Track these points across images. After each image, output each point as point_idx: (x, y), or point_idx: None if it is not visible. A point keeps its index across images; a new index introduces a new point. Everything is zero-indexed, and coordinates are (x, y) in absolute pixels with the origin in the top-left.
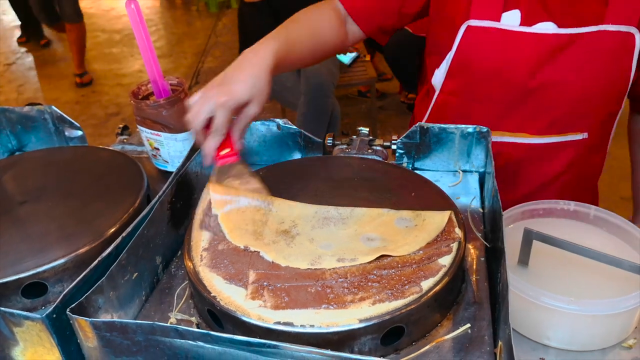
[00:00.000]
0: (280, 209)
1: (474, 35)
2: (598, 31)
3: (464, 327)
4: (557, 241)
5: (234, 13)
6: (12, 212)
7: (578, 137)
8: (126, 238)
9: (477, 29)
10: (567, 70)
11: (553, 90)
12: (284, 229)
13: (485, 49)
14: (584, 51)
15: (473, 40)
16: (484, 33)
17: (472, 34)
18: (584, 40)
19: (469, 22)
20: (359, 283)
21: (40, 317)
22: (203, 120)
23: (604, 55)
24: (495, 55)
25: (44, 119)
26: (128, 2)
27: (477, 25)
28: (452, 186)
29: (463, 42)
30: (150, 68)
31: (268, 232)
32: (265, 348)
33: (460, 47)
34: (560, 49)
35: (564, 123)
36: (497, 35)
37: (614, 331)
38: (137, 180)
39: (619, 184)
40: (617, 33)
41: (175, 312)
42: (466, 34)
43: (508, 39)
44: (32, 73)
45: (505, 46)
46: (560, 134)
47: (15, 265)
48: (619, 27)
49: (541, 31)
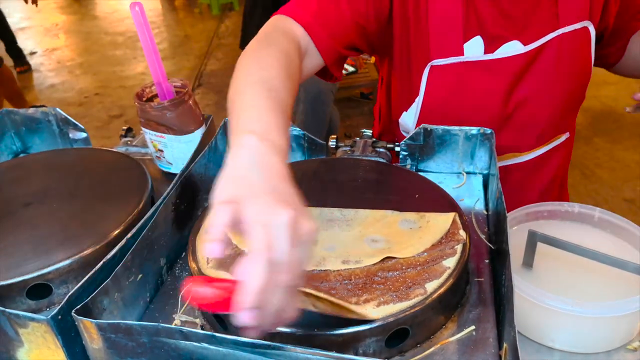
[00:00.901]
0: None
1: (439, 74)
2: (557, 36)
3: (468, 329)
4: (561, 243)
5: (237, 15)
6: (17, 213)
7: (563, 138)
8: (131, 240)
9: (441, 68)
10: (539, 83)
11: (531, 107)
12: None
13: (454, 86)
14: (550, 59)
15: (439, 80)
16: (449, 70)
17: (437, 73)
18: (548, 50)
19: (431, 63)
20: (364, 285)
21: (45, 319)
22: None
23: (568, 56)
24: (465, 90)
25: (48, 121)
26: (132, 4)
27: (440, 64)
28: (455, 188)
29: (430, 84)
30: (155, 70)
31: None
32: (270, 350)
33: (427, 90)
34: (528, 65)
35: (550, 131)
36: (463, 69)
37: (619, 333)
38: (142, 182)
39: (622, 186)
40: (573, 32)
41: (180, 313)
42: (431, 75)
43: (475, 70)
44: (35, 75)
45: (473, 79)
46: (549, 141)
47: (20, 266)
48: (573, 26)
49: (507, 54)
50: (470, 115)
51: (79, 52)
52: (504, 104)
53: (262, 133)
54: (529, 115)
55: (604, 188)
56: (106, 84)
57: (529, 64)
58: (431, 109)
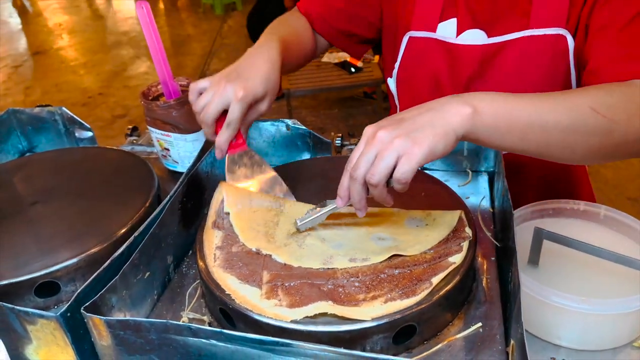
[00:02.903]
0: (291, 210)
1: (414, 46)
2: (524, 37)
3: (475, 326)
4: (567, 241)
5: (240, 15)
6: (24, 212)
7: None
8: (138, 237)
9: (417, 40)
10: (500, 83)
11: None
12: (295, 230)
13: (423, 60)
14: (513, 59)
15: (414, 52)
16: (423, 44)
17: (413, 44)
18: (512, 48)
19: (410, 33)
20: (371, 282)
21: (54, 316)
22: (217, 113)
23: (534, 60)
24: (432, 67)
25: (54, 120)
26: (139, 4)
27: (416, 36)
28: (461, 186)
29: (406, 53)
30: (161, 69)
31: (279, 234)
32: (278, 346)
33: (403, 58)
34: (489, 59)
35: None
36: (434, 47)
37: (625, 330)
38: (148, 180)
39: (626, 184)
40: (545, 37)
41: (187, 311)
42: (408, 44)
43: (442, 50)
44: (39, 75)
45: (439, 58)
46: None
47: (28, 264)
48: (546, 31)
49: (471, 42)
50: (433, 90)
51: (82, 52)
52: (463, 90)
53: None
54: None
55: (608, 187)
56: (110, 83)
57: (490, 57)
58: (403, 77)
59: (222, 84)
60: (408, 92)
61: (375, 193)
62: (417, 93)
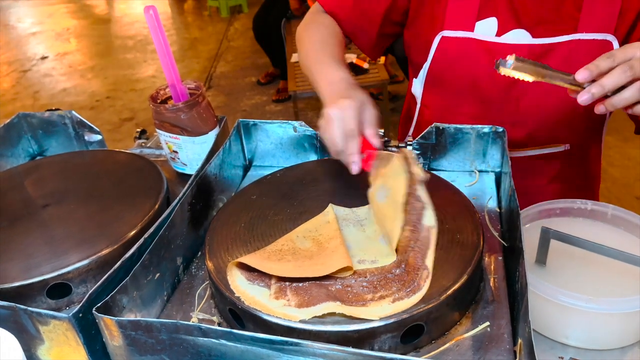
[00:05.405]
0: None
1: (448, 46)
2: (572, 40)
3: (483, 325)
4: (574, 240)
5: (245, 17)
6: (35, 215)
7: (559, 149)
8: (148, 239)
9: (451, 40)
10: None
11: (529, 104)
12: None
13: (458, 60)
14: (559, 62)
15: (447, 52)
16: (458, 44)
17: (446, 44)
18: (559, 51)
19: (443, 33)
20: (378, 282)
21: (67, 317)
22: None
23: (580, 64)
24: (468, 67)
25: (64, 124)
26: (146, 8)
27: (451, 36)
28: (468, 186)
29: (438, 53)
30: (169, 72)
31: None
32: (287, 346)
33: (435, 58)
34: (535, 59)
35: (542, 136)
36: (471, 46)
37: (633, 330)
38: (157, 182)
39: (635, 183)
40: (592, 42)
41: (197, 311)
42: (441, 44)
43: (482, 49)
44: (47, 79)
45: (478, 58)
46: (538, 146)
47: (40, 266)
48: (593, 36)
49: (515, 41)
50: (467, 94)
51: (90, 55)
52: (502, 92)
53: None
54: (525, 112)
55: (615, 186)
56: (117, 87)
57: (536, 59)
58: (435, 80)
59: (334, 114)
60: (438, 93)
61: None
62: (450, 93)
